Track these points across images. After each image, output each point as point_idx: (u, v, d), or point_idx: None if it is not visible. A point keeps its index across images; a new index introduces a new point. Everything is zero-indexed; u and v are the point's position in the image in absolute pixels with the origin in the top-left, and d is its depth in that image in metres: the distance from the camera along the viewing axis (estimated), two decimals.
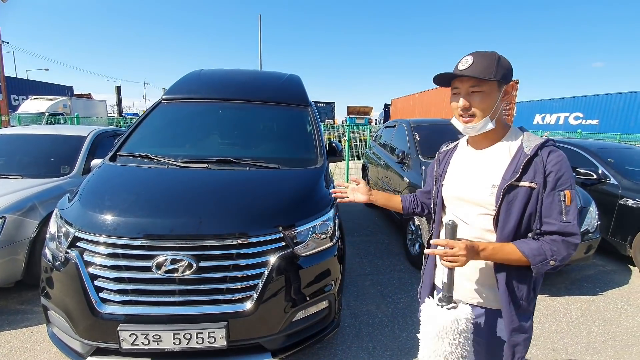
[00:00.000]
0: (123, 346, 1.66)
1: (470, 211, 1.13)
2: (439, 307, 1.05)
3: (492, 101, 1.05)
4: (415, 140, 4.37)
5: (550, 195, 0.99)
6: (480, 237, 1.09)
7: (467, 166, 1.17)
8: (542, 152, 1.02)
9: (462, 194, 1.14)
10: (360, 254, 4.02)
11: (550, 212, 0.99)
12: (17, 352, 2.21)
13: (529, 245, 1.00)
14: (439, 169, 1.29)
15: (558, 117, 20.13)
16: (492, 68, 1.02)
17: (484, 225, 1.09)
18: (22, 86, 26.79)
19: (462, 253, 0.97)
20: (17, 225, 2.73)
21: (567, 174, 1.00)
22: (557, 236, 0.99)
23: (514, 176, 1.01)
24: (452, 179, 1.21)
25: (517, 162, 1.03)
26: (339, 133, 10.97)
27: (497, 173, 1.06)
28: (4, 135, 4.01)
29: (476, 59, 1.03)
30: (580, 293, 3.27)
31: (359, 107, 26.56)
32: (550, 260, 0.99)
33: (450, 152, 1.29)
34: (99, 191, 2.05)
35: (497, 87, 1.05)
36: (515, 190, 1.02)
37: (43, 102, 17.21)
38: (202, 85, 3.29)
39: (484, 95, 1.04)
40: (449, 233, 0.99)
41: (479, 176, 1.10)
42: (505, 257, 1.01)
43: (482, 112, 1.05)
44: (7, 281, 2.71)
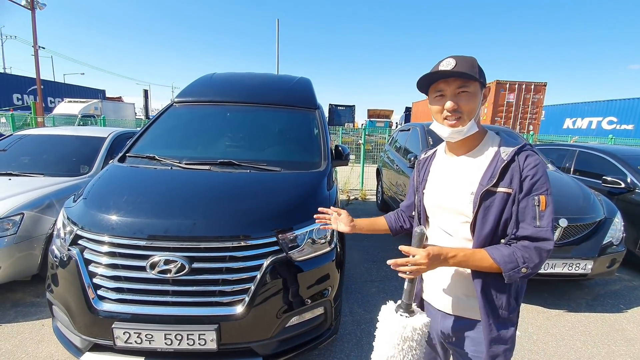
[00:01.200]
0: (117, 343, 1.69)
1: (451, 220, 1.09)
2: (394, 311, 1.05)
3: (477, 102, 1.03)
4: (428, 144, 4.25)
5: (525, 200, 0.97)
6: (459, 246, 1.06)
7: (447, 174, 1.14)
8: (519, 157, 0.99)
9: (442, 203, 1.11)
10: (368, 259, 3.94)
11: (524, 216, 0.97)
12: (27, 343, 2.31)
13: (501, 252, 0.97)
14: (419, 178, 1.26)
15: (590, 121, 19.12)
16: (475, 68, 1.00)
17: (465, 235, 1.05)
18: (59, 89, 28.44)
19: (423, 262, 0.93)
20: (34, 222, 2.86)
21: (542, 178, 0.97)
22: (529, 242, 0.96)
23: (491, 182, 0.99)
24: (432, 188, 1.17)
25: (494, 168, 1.00)
26: (356, 137, 10.89)
27: (475, 180, 1.03)
28: (31, 136, 4.24)
29: (458, 60, 1.00)
30: (603, 310, 3.06)
31: (379, 110, 26.30)
32: (522, 267, 0.95)
33: (429, 160, 1.26)
34: (102, 191, 2.11)
35: (479, 89, 1.03)
36: (492, 196, 0.99)
37: (76, 105, 18.20)
38: (213, 89, 3.35)
39: (471, 95, 1.01)
40: (415, 240, 0.97)
41: (458, 184, 1.07)
42: (477, 264, 0.98)
43: (469, 114, 1.02)
44: (24, 275, 2.84)
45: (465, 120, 1.02)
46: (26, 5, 14.55)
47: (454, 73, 0.99)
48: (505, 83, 14.44)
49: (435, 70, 1.02)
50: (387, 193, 5.69)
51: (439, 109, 1.06)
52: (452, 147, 1.14)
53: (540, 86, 14.58)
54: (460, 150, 1.11)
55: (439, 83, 1.04)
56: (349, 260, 3.88)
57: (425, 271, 0.96)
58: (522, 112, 14.82)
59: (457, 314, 1.11)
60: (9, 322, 2.53)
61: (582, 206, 3.11)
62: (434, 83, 1.06)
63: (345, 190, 7.44)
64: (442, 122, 1.06)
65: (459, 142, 1.09)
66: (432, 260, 0.95)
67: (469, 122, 1.02)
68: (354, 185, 7.88)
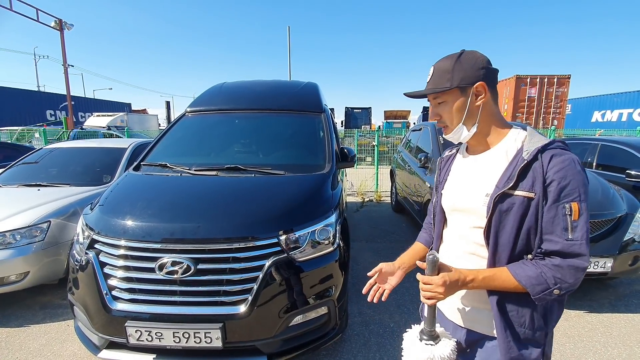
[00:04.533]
0: (130, 341, 1.79)
1: (464, 223, 1.03)
2: (418, 339, 0.97)
3: (459, 109, 0.97)
4: (439, 143, 4.21)
5: (553, 209, 0.84)
6: (474, 253, 0.99)
7: (464, 173, 1.07)
8: (542, 157, 0.87)
9: (456, 204, 1.05)
10: (381, 260, 3.87)
11: (552, 227, 0.84)
12: (53, 342, 2.47)
13: (526, 272, 0.86)
14: (440, 177, 1.19)
15: (620, 113, 18.14)
16: (448, 75, 0.95)
17: (477, 239, 0.98)
18: (88, 104, 30.04)
19: (439, 290, 0.87)
20: (60, 229, 3.06)
21: (574, 182, 0.83)
22: (561, 259, 0.84)
23: (508, 184, 0.88)
24: (450, 188, 1.11)
25: (514, 168, 0.90)
26: (372, 138, 10.85)
27: (492, 180, 0.94)
28: (59, 149, 4.53)
29: (435, 69, 0.99)
30: (627, 310, 2.91)
31: (396, 112, 26.00)
32: (554, 289, 0.84)
33: (451, 159, 1.18)
34: (116, 198, 2.24)
35: (460, 92, 0.96)
36: (510, 200, 0.88)
37: (104, 118, 19.14)
38: (223, 97, 3.48)
39: (447, 105, 0.98)
40: (429, 268, 0.90)
41: (474, 184, 1.00)
42: (500, 285, 0.89)
43: (451, 122, 0.99)
44: (52, 279, 3.04)
45: (450, 129, 1.01)
46: (55, 26, 15.49)
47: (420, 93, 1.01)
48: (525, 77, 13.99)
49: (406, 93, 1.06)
50: (400, 194, 5.65)
51: None
52: (470, 145, 1.08)
53: (563, 79, 14.02)
54: (477, 148, 1.04)
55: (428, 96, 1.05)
56: (360, 261, 3.89)
57: (444, 298, 0.89)
58: (545, 106, 14.29)
59: (468, 327, 1.03)
60: (37, 323, 2.71)
61: (601, 201, 2.98)
62: None
63: (360, 192, 7.43)
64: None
65: (475, 140, 1.02)
66: (449, 287, 0.88)
67: (455, 128, 0.99)
68: (369, 187, 7.86)
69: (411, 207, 4.80)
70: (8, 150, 6.35)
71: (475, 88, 0.95)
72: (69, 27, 15.95)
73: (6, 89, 23.96)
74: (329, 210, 2.17)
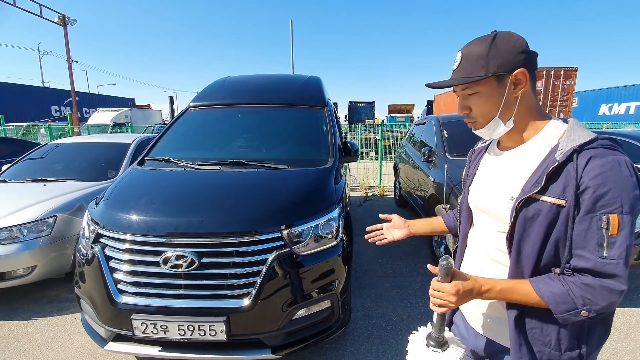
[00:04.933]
0: (136, 334, 1.81)
1: (489, 226, 0.94)
2: (424, 344, 0.90)
3: (495, 100, 0.84)
4: (443, 137, 4.18)
5: (586, 220, 0.72)
6: (497, 260, 0.90)
7: (491, 171, 0.97)
8: (578, 158, 0.74)
9: (481, 204, 0.96)
10: (384, 255, 3.93)
11: (584, 242, 0.73)
12: (60, 335, 2.51)
13: (551, 289, 0.76)
14: (468, 172, 1.09)
15: (628, 106, 17.88)
16: (482, 61, 0.82)
17: (499, 245, 0.89)
18: (92, 100, 30.14)
19: (450, 299, 0.79)
20: (66, 223, 3.10)
21: (615, 190, 0.70)
22: (592, 278, 0.73)
23: (535, 187, 0.78)
24: (477, 185, 1.01)
25: (543, 170, 0.78)
26: (376, 133, 10.81)
27: (519, 182, 0.84)
28: (64, 144, 4.56)
29: (464, 55, 0.85)
30: (631, 305, 2.89)
31: (400, 106, 25.89)
32: (582, 310, 0.73)
33: (482, 152, 1.07)
34: (120, 193, 2.26)
35: (497, 82, 0.82)
36: (536, 206, 0.78)
37: (108, 114, 19.23)
38: (226, 92, 3.47)
39: (481, 96, 0.85)
40: (442, 273, 0.83)
41: (500, 184, 0.90)
42: (519, 299, 0.80)
43: (484, 116, 0.87)
44: (58, 272, 3.08)
45: (480, 124, 0.88)
46: (58, 22, 15.51)
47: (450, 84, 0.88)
48: None
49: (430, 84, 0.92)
50: (404, 188, 5.63)
51: None
52: (501, 139, 0.96)
53: (570, 71, 13.81)
54: (508, 143, 0.93)
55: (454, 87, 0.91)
56: (363, 255, 3.90)
57: (456, 307, 0.82)
58: (551, 99, 14.10)
59: (489, 337, 0.95)
60: (45, 316, 2.76)
61: None
62: None
63: (364, 186, 7.43)
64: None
65: (507, 135, 0.90)
66: (461, 297, 0.80)
67: (490, 123, 0.86)
68: (372, 182, 7.85)
69: (415, 202, 4.78)
70: (14, 145, 6.40)
71: (515, 76, 0.81)
72: (72, 22, 15.96)
73: (11, 85, 24.10)
74: (332, 205, 2.17)
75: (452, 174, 3.35)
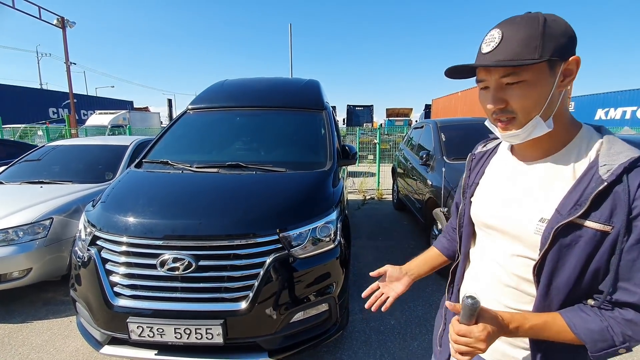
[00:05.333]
0: (132, 337, 1.80)
1: (503, 247, 0.80)
2: None
3: (543, 92, 0.68)
4: (440, 141, 4.19)
5: (636, 249, 0.63)
6: (515, 287, 0.77)
7: (508, 182, 0.81)
8: (629, 178, 0.64)
9: (494, 222, 0.81)
10: (382, 258, 3.93)
11: (630, 274, 0.64)
12: (55, 338, 2.49)
13: (587, 325, 0.67)
14: (469, 179, 0.94)
15: (624, 111, 18.01)
16: (535, 41, 0.65)
17: (521, 272, 0.76)
18: (90, 102, 30.14)
19: (479, 346, 0.67)
20: (63, 226, 3.08)
21: None
22: (635, 313, 0.65)
23: (577, 211, 0.66)
24: (484, 197, 0.86)
25: (585, 190, 0.66)
26: (374, 136, 10.85)
27: (550, 201, 0.71)
28: (61, 146, 4.54)
29: (507, 33, 0.68)
30: None
31: (398, 109, 26.02)
32: (621, 347, 0.66)
33: (486, 157, 0.92)
34: (117, 195, 2.25)
35: (549, 69, 0.67)
36: (576, 232, 0.66)
37: (106, 116, 19.19)
38: (224, 95, 3.47)
39: (527, 86, 0.68)
40: (465, 314, 0.69)
41: (523, 201, 0.76)
42: (551, 337, 0.71)
43: (527, 112, 0.69)
44: (54, 275, 3.05)
45: (520, 122, 0.71)
46: (57, 24, 15.50)
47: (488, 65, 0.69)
48: None
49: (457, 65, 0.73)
50: (402, 192, 5.64)
51: (484, 104, 0.75)
52: (519, 147, 0.81)
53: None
54: (532, 153, 0.77)
55: (480, 70, 0.73)
56: (361, 259, 3.89)
57: (483, 352, 0.70)
58: None
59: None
60: (40, 319, 2.73)
61: None
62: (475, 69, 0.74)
63: (362, 189, 7.43)
64: (492, 121, 0.76)
65: (528, 142, 0.74)
66: (490, 339, 0.69)
67: (531, 122, 0.70)
68: (370, 185, 7.86)
69: (412, 205, 4.79)
70: (11, 147, 6.38)
71: (568, 65, 0.68)
72: (71, 25, 15.96)
73: (9, 86, 24.06)
74: (330, 208, 2.17)
75: (449, 178, 3.36)
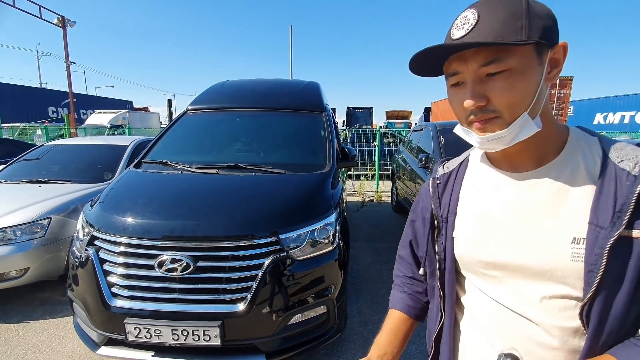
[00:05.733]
0: (129, 338, 1.79)
1: (522, 291, 0.59)
2: None
3: (531, 83, 0.55)
4: (440, 144, 4.20)
5: None
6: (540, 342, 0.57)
7: (502, 203, 0.63)
8: None
9: (502, 258, 0.61)
10: (381, 261, 3.93)
11: None
12: (52, 338, 2.47)
13: None
14: (440, 209, 0.73)
15: (622, 115, 18.08)
16: (520, 20, 0.52)
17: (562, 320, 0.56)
18: (90, 102, 30.12)
19: None
20: (61, 225, 3.07)
21: None
22: None
23: (621, 219, 0.51)
24: (475, 228, 0.66)
25: (617, 193, 0.52)
26: None
27: (576, 215, 0.55)
28: (60, 146, 4.53)
29: (484, 12, 0.54)
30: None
31: (398, 112, 26.05)
32: None
33: (454, 179, 0.74)
34: (116, 195, 2.25)
35: (537, 55, 0.54)
36: (627, 247, 0.51)
37: (105, 116, 19.15)
38: (224, 96, 3.48)
39: (513, 75, 0.54)
40: None
41: (537, 222, 0.58)
42: None
43: (513, 109, 0.55)
44: (52, 275, 3.04)
45: (504, 122, 0.56)
46: (58, 23, 15.51)
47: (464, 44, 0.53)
48: None
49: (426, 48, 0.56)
50: (401, 194, 5.65)
51: (458, 104, 0.60)
52: (502, 156, 0.64)
53: (566, 80, 13.97)
54: (524, 160, 0.62)
55: (452, 61, 0.58)
56: (360, 261, 3.89)
57: None
58: None
59: None
60: (37, 319, 2.72)
61: None
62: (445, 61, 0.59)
63: (361, 192, 7.43)
64: (466, 124, 0.61)
65: (517, 148, 0.59)
66: None
67: (517, 121, 0.55)
68: (369, 187, 7.86)
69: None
70: (10, 146, 6.36)
71: (555, 53, 0.57)
72: (72, 24, 15.98)
73: (8, 85, 24.01)
74: (329, 210, 2.17)
75: None
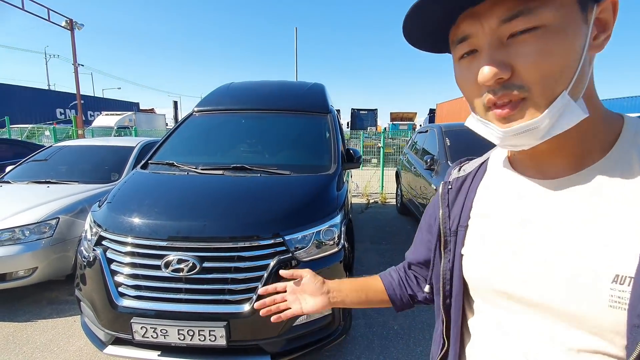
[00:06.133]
0: (135, 337, 1.80)
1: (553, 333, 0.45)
2: None
3: (572, 48, 0.39)
4: (445, 145, 4.18)
5: None
6: None
7: (523, 219, 0.48)
8: None
9: (523, 291, 0.47)
10: (385, 262, 3.91)
11: None
12: (59, 337, 2.50)
13: None
14: (450, 220, 0.59)
15: None
16: None
17: None
18: (97, 103, 30.48)
19: None
20: (69, 226, 3.10)
21: None
22: None
23: None
24: (488, 247, 0.53)
25: None
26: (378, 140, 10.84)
27: (622, 243, 0.39)
28: (68, 147, 4.59)
29: None
30: None
31: (402, 113, 26.00)
32: None
33: (469, 184, 0.60)
34: (123, 196, 2.27)
35: (580, 11, 0.39)
36: None
37: (112, 117, 19.35)
38: (230, 97, 3.50)
39: (548, 34, 0.38)
40: None
41: (568, 248, 0.43)
42: None
43: (549, 84, 0.39)
44: (59, 274, 3.08)
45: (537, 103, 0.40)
46: (66, 26, 15.71)
47: None
48: None
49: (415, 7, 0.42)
50: (406, 196, 5.63)
51: (469, 80, 0.45)
52: (528, 156, 0.49)
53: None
54: (556, 162, 0.47)
55: (460, 21, 0.43)
56: (364, 263, 3.88)
57: None
58: None
59: None
60: (44, 318, 2.75)
61: None
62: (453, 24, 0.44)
63: (365, 193, 7.42)
64: (482, 112, 0.46)
65: (549, 146, 0.44)
66: None
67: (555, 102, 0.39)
68: (374, 189, 7.84)
69: (416, 209, 4.78)
70: (19, 147, 6.46)
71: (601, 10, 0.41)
72: (80, 27, 16.18)
73: (17, 87, 24.40)
74: (334, 211, 2.17)
75: None
